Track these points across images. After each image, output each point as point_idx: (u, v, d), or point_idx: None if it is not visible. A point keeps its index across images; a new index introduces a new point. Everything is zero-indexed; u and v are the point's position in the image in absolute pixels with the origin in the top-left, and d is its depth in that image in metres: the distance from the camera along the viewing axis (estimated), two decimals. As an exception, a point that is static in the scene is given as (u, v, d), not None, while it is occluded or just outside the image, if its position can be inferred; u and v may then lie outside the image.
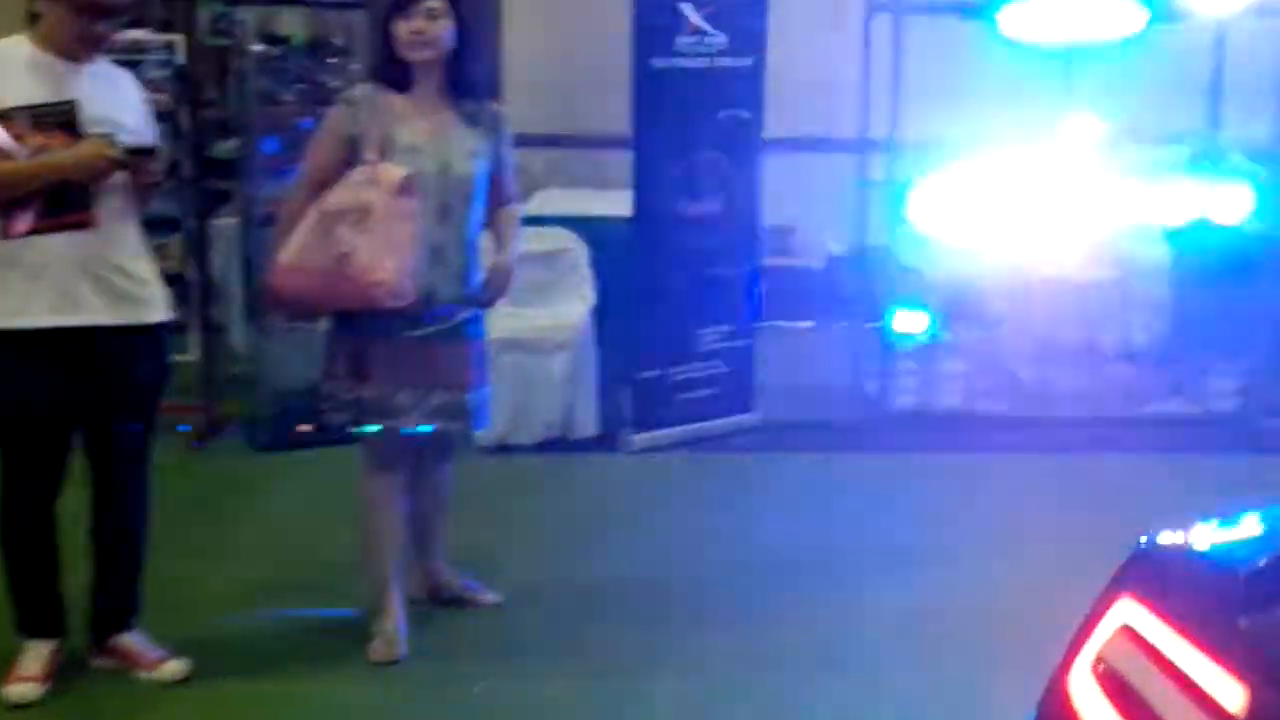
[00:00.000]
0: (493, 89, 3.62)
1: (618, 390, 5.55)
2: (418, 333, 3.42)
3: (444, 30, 3.39)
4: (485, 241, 3.64)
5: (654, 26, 5.13)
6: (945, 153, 6.00)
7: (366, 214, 3.25)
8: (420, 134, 3.41)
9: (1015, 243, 6.20)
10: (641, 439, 5.43)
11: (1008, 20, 5.66)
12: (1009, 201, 5.83)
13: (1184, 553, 2.00)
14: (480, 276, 3.54)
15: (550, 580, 4.18)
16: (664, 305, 5.39)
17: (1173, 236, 6.01)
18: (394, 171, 3.30)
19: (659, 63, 5.15)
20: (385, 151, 3.35)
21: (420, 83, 3.44)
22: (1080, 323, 6.21)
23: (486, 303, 3.58)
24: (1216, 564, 1.95)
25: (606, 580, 4.21)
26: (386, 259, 3.26)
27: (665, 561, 4.37)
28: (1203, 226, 5.88)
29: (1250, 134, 6.13)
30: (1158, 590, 1.85)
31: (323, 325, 3.60)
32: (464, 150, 3.44)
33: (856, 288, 7.52)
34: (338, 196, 3.31)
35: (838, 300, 7.76)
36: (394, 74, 3.44)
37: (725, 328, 5.58)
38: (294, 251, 3.32)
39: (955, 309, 6.28)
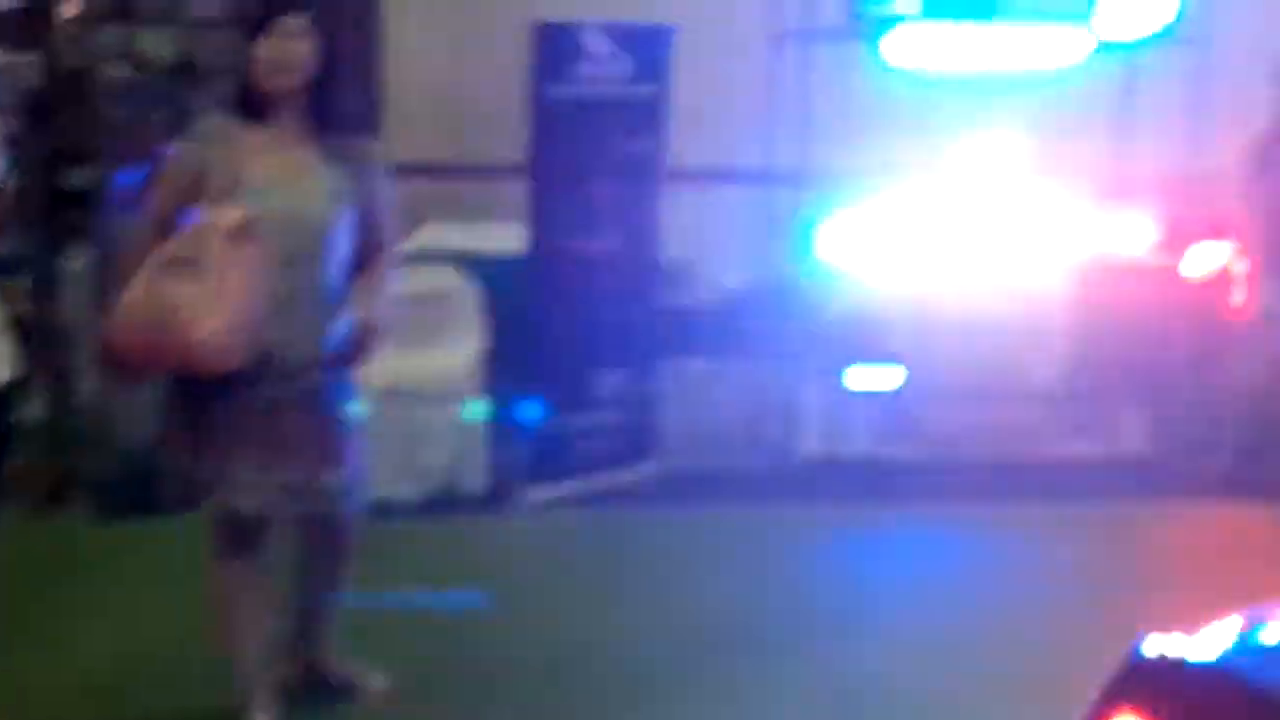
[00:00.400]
0: (366, 121, 3.19)
1: (510, 441, 5.18)
2: (262, 398, 3.01)
3: (304, 55, 3.02)
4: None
5: (553, 52, 4.80)
6: (853, 185, 5.79)
7: (195, 264, 2.88)
8: (272, 172, 3.03)
9: (922, 279, 6.02)
10: (536, 494, 5.06)
11: (913, 49, 5.44)
12: (916, 236, 5.61)
13: (1188, 663, 1.84)
14: (343, 333, 3.13)
15: (442, 661, 3.79)
16: (560, 348, 5.04)
17: (1078, 270, 5.87)
18: (229, 215, 2.92)
19: (557, 90, 4.81)
20: (231, 191, 2.97)
21: (280, 114, 3.06)
22: (986, 361, 6.04)
23: (348, 364, 3.15)
24: (1224, 676, 1.80)
25: (506, 660, 3.82)
26: (212, 315, 2.87)
27: (569, 635, 4.01)
28: (1111, 260, 5.75)
29: (1157, 165, 6.00)
30: (1162, 704, 1.75)
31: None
32: (320, 191, 3.06)
33: (759, 325, 7.31)
34: (171, 244, 2.93)
35: (738, 338, 7.52)
36: (252, 103, 3.06)
37: (625, 372, 5.25)
38: (123, 306, 2.94)
39: (861, 349, 6.09)
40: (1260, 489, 5.40)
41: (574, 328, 5.04)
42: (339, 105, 3.11)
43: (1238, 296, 5.41)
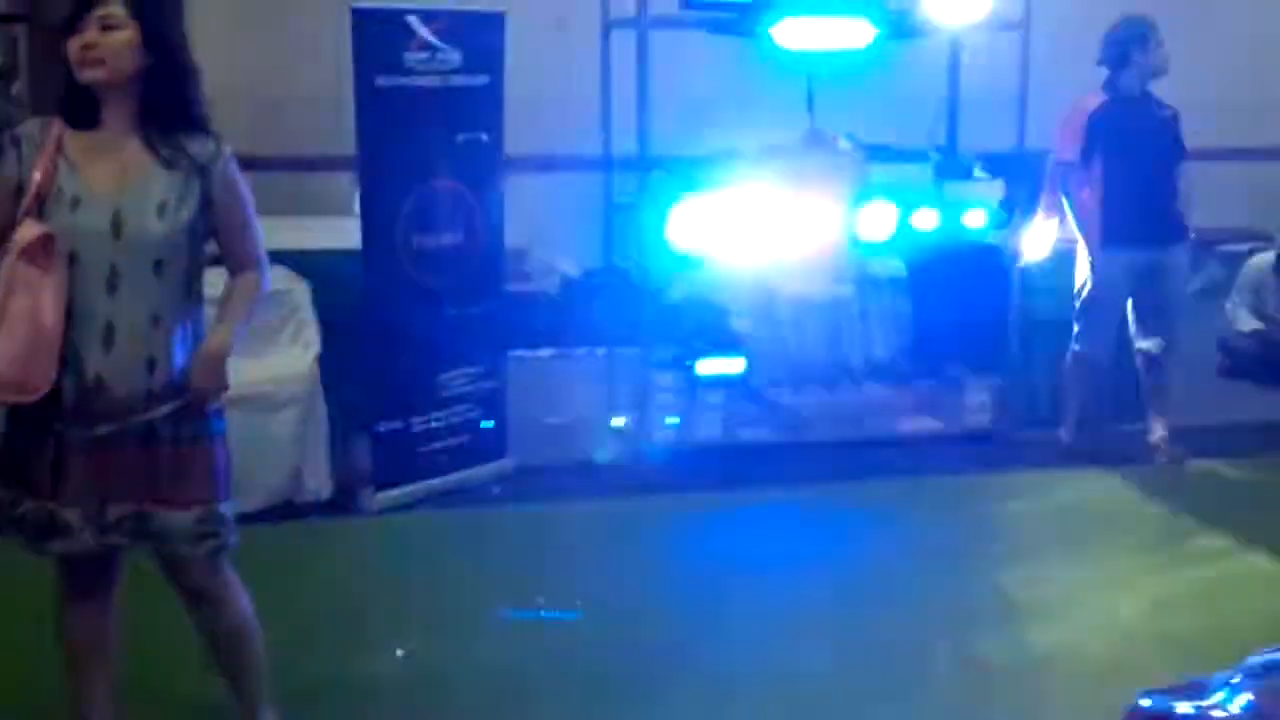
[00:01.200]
0: (206, 118, 2.89)
1: (353, 446, 4.99)
2: (89, 434, 2.73)
3: (124, 45, 2.71)
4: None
5: (378, 41, 4.60)
6: (692, 170, 5.74)
7: None
8: (95, 181, 2.73)
9: (761, 261, 6.02)
10: (383, 498, 4.88)
11: (755, 34, 5.41)
12: (754, 219, 5.57)
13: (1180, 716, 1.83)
14: (185, 362, 2.82)
15: (309, 681, 3.53)
16: (402, 348, 4.86)
17: (915, 250, 5.93)
18: (27, 231, 2.65)
19: (385, 80, 4.63)
20: (48, 202, 2.69)
21: (109, 115, 2.77)
22: (828, 341, 6.08)
23: (194, 398, 2.80)
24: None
25: (376, 677, 3.64)
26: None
27: (427, 647, 3.83)
28: (945, 239, 5.82)
29: (988, 145, 6.10)
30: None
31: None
32: (150, 202, 2.73)
33: (600, 313, 7.22)
34: None
35: (581, 327, 7.42)
36: (77, 104, 2.77)
37: (472, 369, 5.10)
38: None
39: (705, 334, 6.06)
40: (1099, 457, 5.57)
41: (417, 326, 4.87)
42: (171, 103, 2.79)
43: (1074, 272, 5.51)
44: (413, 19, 4.65)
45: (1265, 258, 7.03)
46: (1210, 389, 6.47)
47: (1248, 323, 6.91)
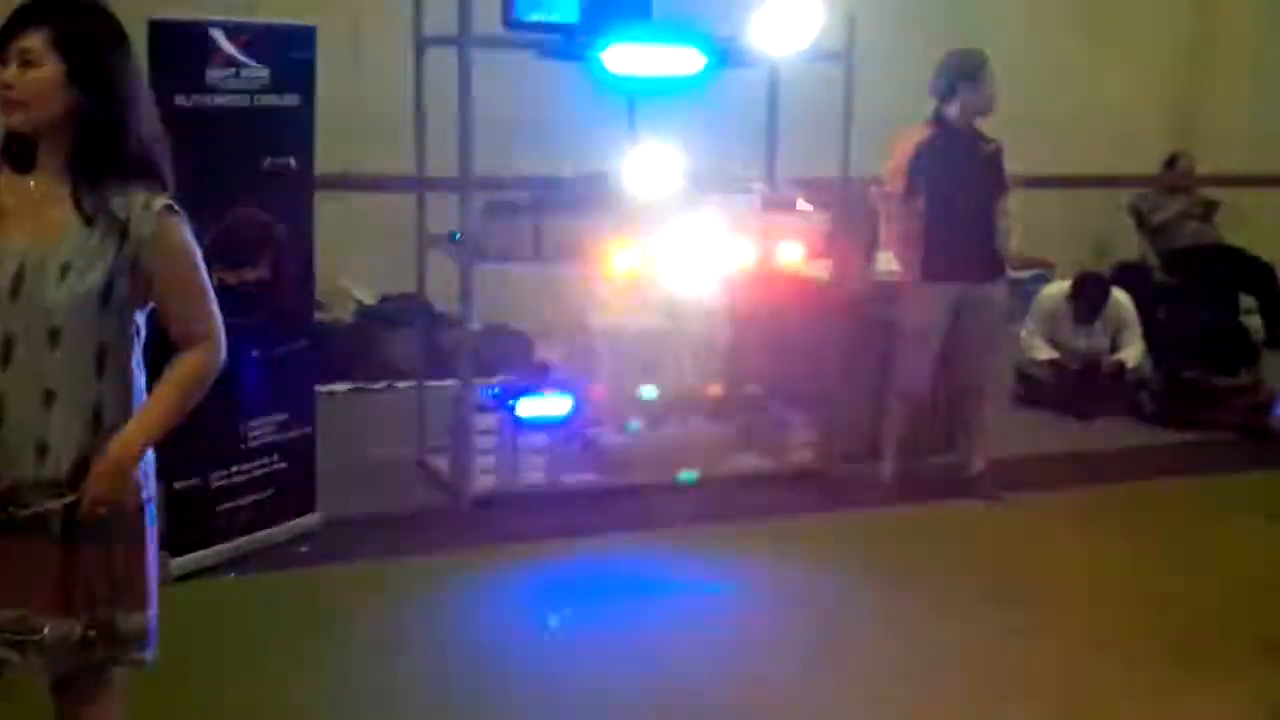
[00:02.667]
0: (153, 174, 2.42)
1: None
2: None
3: (45, 85, 2.29)
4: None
5: (175, 56, 4.11)
6: (509, 194, 5.44)
7: None
8: (12, 233, 2.32)
9: (583, 293, 5.77)
10: (180, 563, 4.37)
11: (583, 59, 5.14)
12: (575, 248, 5.31)
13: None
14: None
15: None
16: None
17: (738, 281, 5.79)
18: None
19: (184, 100, 4.14)
20: None
21: (43, 159, 2.35)
22: (649, 376, 5.87)
23: (83, 505, 2.36)
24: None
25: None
26: None
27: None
28: (770, 271, 5.70)
29: (806, 175, 6.02)
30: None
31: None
32: (54, 262, 2.30)
33: (399, 344, 6.83)
34: None
35: (378, 359, 7.01)
36: (16, 144, 2.35)
37: (279, 417, 4.64)
38: None
39: (525, 373, 5.79)
40: (920, 492, 5.55)
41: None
42: (101, 152, 2.34)
43: (895, 305, 5.46)
44: (216, 32, 4.18)
45: (1060, 286, 7.21)
46: (1008, 419, 6.55)
47: (1043, 351, 7.06)
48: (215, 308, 2.51)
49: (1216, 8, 9.25)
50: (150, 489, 2.51)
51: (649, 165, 5.46)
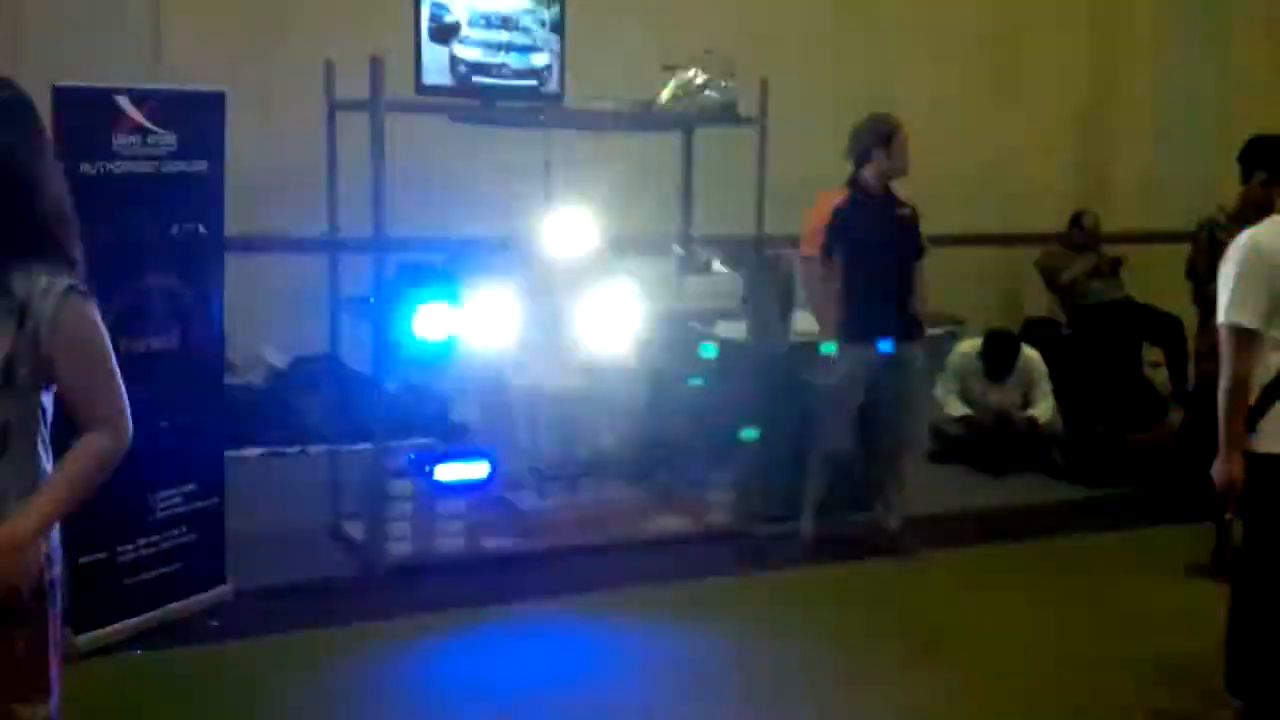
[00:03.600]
0: (59, 253, 2.35)
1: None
2: None
3: None
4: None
5: (80, 123, 4.03)
6: (423, 256, 5.39)
7: None
8: None
9: (499, 356, 5.72)
10: (86, 640, 4.24)
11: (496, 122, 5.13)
12: (494, 310, 5.27)
13: None
14: None
15: None
16: (107, 468, 4.25)
17: (654, 344, 5.79)
18: None
19: (89, 167, 4.06)
20: None
21: None
22: (567, 439, 5.85)
23: None
24: None
25: None
26: None
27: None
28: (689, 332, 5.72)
29: (719, 235, 6.05)
30: None
31: None
32: None
33: (312, 406, 6.73)
34: None
35: (290, 422, 6.89)
36: None
37: (187, 488, 4.53)
38: None
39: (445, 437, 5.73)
40: (840, 550, 5.56)
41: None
42: (8, 224, 2.29)
43: (813, 365, 5.49)
44: (122, 99, 4.11)
45: (971, 344, 7.30)
46: (923, 475, 6.59)
47: (956, 408, 7.14)
48: (121, 391, 2.43)
49: (1117, 66, 9.51)
50: (54, 572, 2.43)
51: (565, 227, 5.47)
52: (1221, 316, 3.63)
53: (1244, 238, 3.66)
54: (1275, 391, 3.58)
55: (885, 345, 5.34)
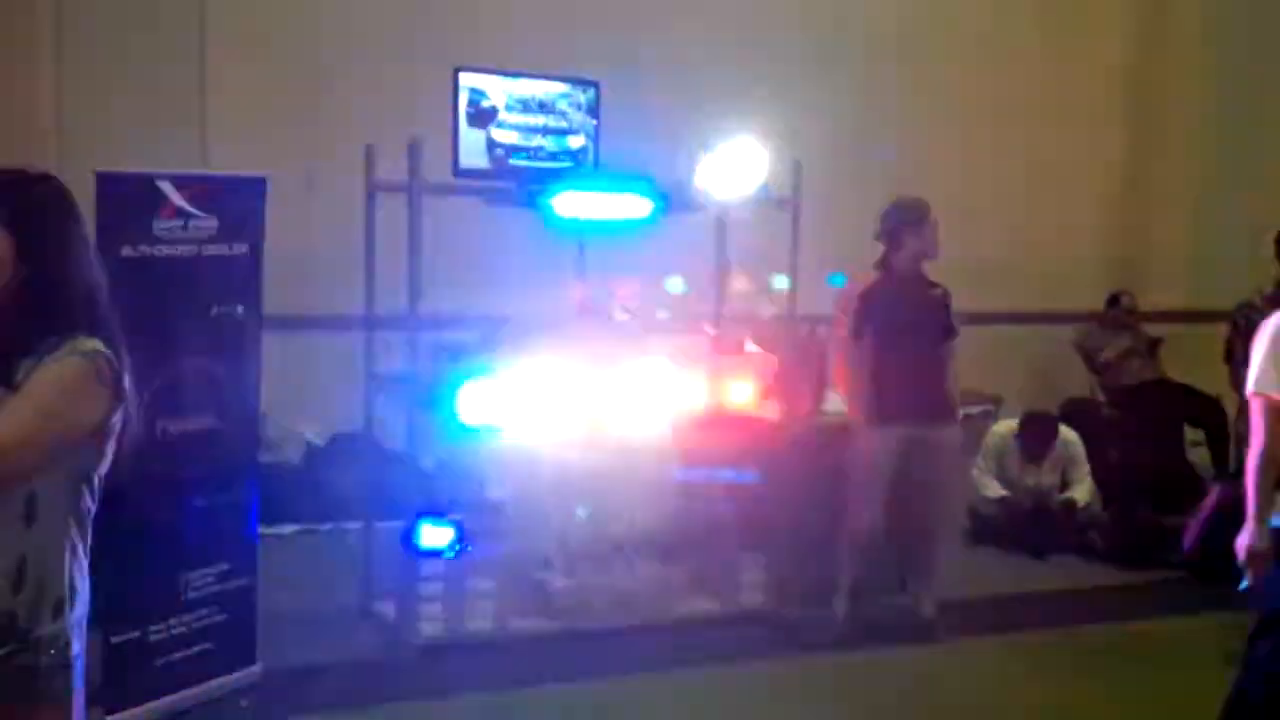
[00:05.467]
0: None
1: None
2: None
3: None
4: None
5: (124, 206, 4.12)
6: (463, 337, 5.44)
7: None
8: None
9: (531, 432, 5.73)
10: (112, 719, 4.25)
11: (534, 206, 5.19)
12: (527, 390, 5.30)
13: None
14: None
15: None
16: (140, 548, 4.28)
17: (688, 422, 5.79)
18: None
19: (131, 251, 4.14)
20: None
21: None
22: (604, 521, 5.82)
23: None
24: None
25: None
26: None
27: None
28: (720, 412, 5.71)
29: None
30: None
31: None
32: None
33: (346, 485, 6.75)
34: None
35: (325, 499, 6.92)
36: None
37: (220, 567, 4.55)
38: None
39: (479, 512, 5.71)
40: (873, 635, 5.50)
41: (159, 523, 4.32)
42: (45, 318, 2.33)
43: (846, 446, 5.46)
44: (165, 184, 4.20)
45: (1008, 424, 7.26)
46: (959, 557, 6.53)
47: (993, 489, 7.08)
48: (27, 432, 2.26)
49: (1153, 144, 9.51)
50: (78, 647, 2.44)
51: (604, 307, 5.52)
52: (1251, 386, 3.61)
53: (1276, 317, 3.65)
54: None
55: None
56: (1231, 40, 9.41)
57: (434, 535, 5.17)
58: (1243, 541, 3.63)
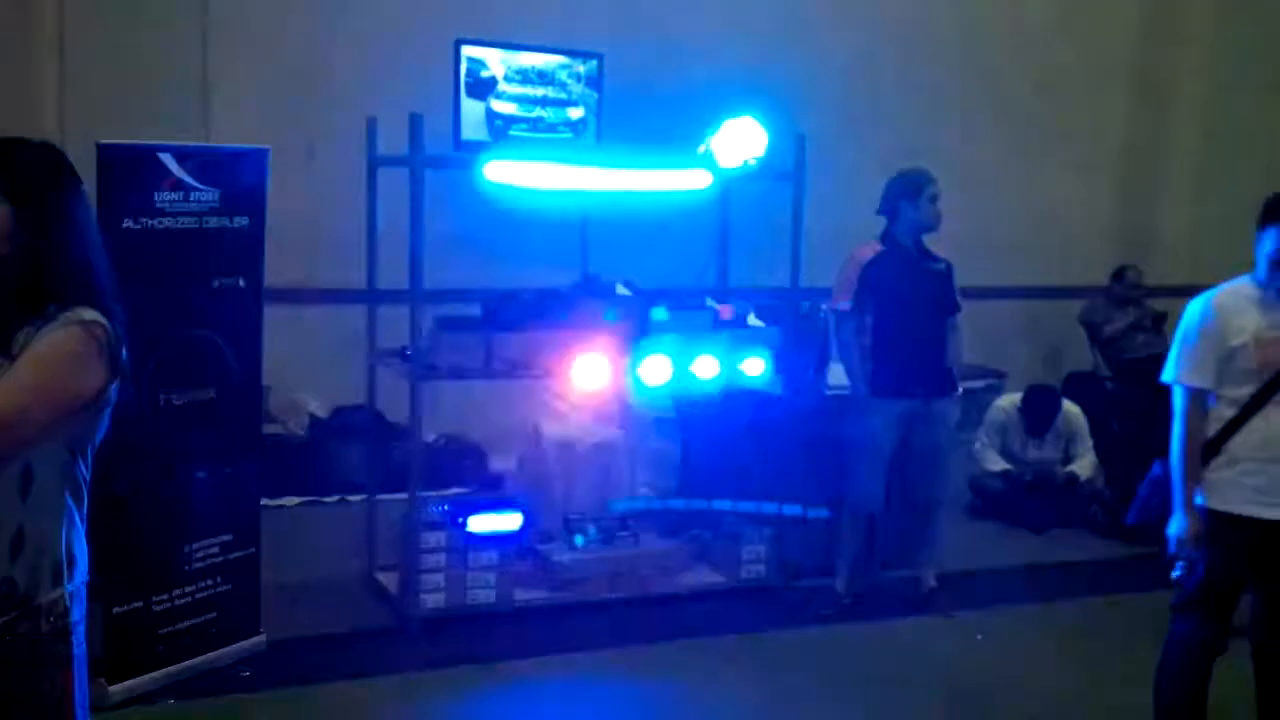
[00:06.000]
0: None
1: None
2: None
3: None
4: None
5: (124, 179, 4.12)
6: (462, 307, 5.45)
7: None
8: None
9: (535, 407, 5.76)
10: (119, 690, 4.28)
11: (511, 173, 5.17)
12: (528, 362, 5.31)
13: None
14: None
15: None
16: (142, 519, 4.31)
17: (692, 397, 5.80)
18: None
19: (132, 223, 4.14)
20: None
21: None
22: (597, 484, 5.84)
23: None
24: None
25: None
26: None
27: None
28: (723, 386, 5.71)
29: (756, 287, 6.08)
30: None
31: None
32: None
33: (353, 456, 6.78)
34: None
35: (330, 472, 6.95)
36: None
37: (223, 538, 4.57)
38: None
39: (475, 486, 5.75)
40: (875, 608, 5.51)
41: (161, 495, 4.34)
42: (43, 287, 2.33)
43: (851, 420, 5.47)
44: (166, 156, 4.20)
45: (1011, 398, 7.25)
46: (962, 530, 6.55)
47: (996, 463, 7.08)
48: (27, 400, 2.26)
49: (1159, 119, 9.47)
50: (78, 613, 2.46)
51: (606, 282, 5.52)
52: (1171, 375, 3.68)
53: (1193, 306, 3.69)
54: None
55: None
56: (1239, 16, 9.35)
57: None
58: (1175, 531, 3.68)
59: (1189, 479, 3.65)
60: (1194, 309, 3.67)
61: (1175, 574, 3.76)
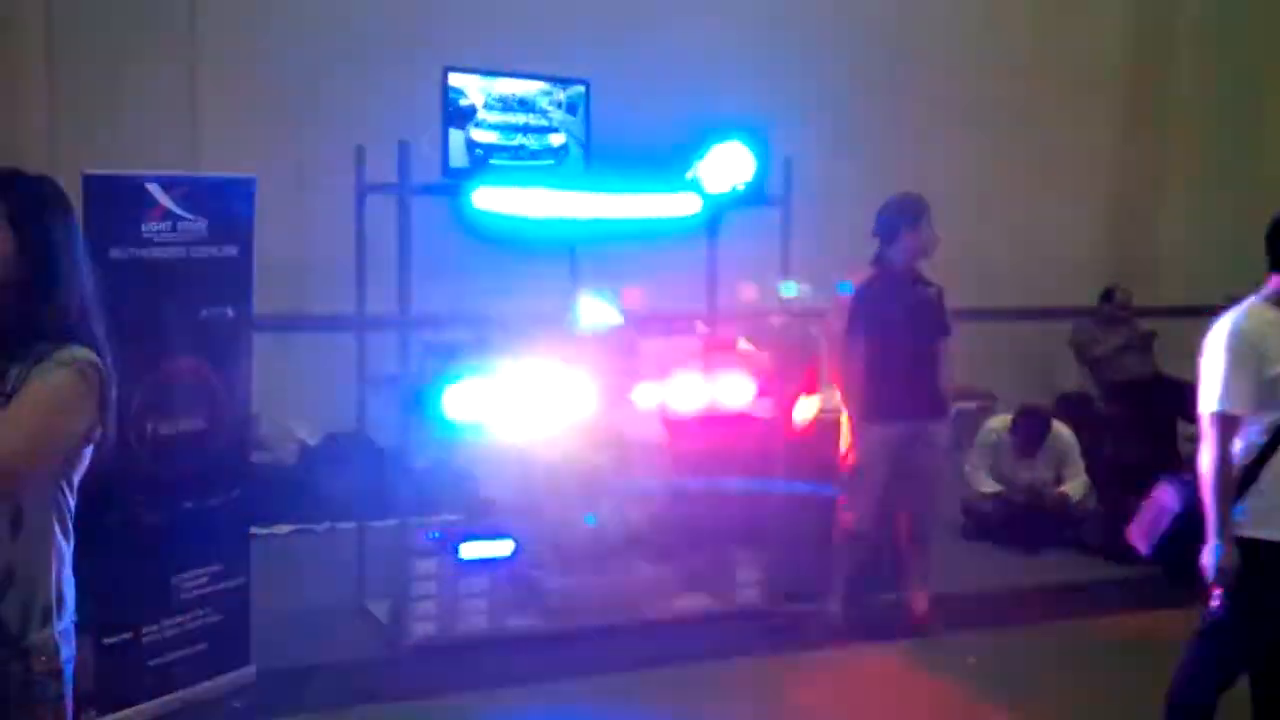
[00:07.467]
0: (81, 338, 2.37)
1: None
2: None
3: None
4: None
5: (111, 209, 4.12)
6: (451, 336, 5.44)
7: None
8: None
9: (524, 430, 5.73)
10: (106, 721, 4.26)
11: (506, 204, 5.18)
12: (521, 389, 5.30)
13: None
14: None
15: None
16: (131, 550, 4.28)
17: (681, 418, 5.79)
18: None
19: (119, 253, 4.14)
20: None
21: None
22: (586, 509, 5.82)
23: None
24: None
25: None
26: None
27: None
28: (711, 409, 5.71)
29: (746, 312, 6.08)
30: None
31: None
32: None
33: (344, 483, 6.75)
34: None
35: (320, 499, 6.92)
36: None
37: (213, 568, 4.55)
38: None
39: (474, 512, 5.72)
40: (868, 631, 5.50)
41: (150, 525, 4.32)
42: (44, 317, 2.35)
43: (840, 443, 5.46)
44: (153, 186, 4.20)
45: (1002, 420, 7.26)
46: (953, 552, 6.53)
47: (987, 485, 7.08)
48: (25, 439, 2.27)
49: (1149, 140, 9.52)
50: (68, 651, 2.45)
51: (591, 306, 5.52)
52: (1214, 405, 3.59)
53: (1216, 331, 3.63)
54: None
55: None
56: (1231, 37, 9.42)
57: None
58: (1212, 560, 3.57)
59: (1225, 506, 3.57)
60: (1219, 338, 3.62)
61: (1214, 603, 3.67)
